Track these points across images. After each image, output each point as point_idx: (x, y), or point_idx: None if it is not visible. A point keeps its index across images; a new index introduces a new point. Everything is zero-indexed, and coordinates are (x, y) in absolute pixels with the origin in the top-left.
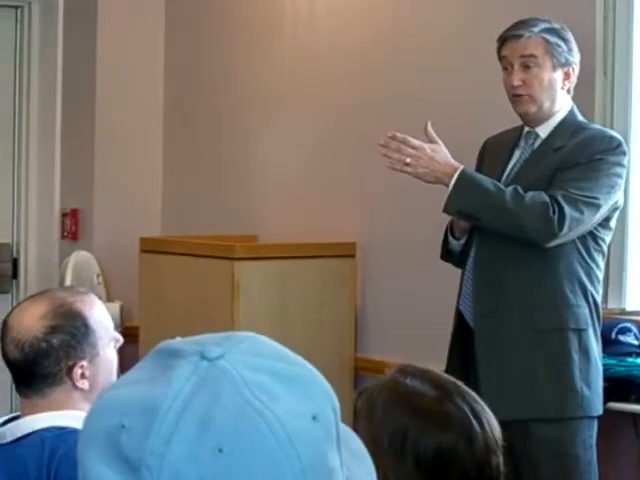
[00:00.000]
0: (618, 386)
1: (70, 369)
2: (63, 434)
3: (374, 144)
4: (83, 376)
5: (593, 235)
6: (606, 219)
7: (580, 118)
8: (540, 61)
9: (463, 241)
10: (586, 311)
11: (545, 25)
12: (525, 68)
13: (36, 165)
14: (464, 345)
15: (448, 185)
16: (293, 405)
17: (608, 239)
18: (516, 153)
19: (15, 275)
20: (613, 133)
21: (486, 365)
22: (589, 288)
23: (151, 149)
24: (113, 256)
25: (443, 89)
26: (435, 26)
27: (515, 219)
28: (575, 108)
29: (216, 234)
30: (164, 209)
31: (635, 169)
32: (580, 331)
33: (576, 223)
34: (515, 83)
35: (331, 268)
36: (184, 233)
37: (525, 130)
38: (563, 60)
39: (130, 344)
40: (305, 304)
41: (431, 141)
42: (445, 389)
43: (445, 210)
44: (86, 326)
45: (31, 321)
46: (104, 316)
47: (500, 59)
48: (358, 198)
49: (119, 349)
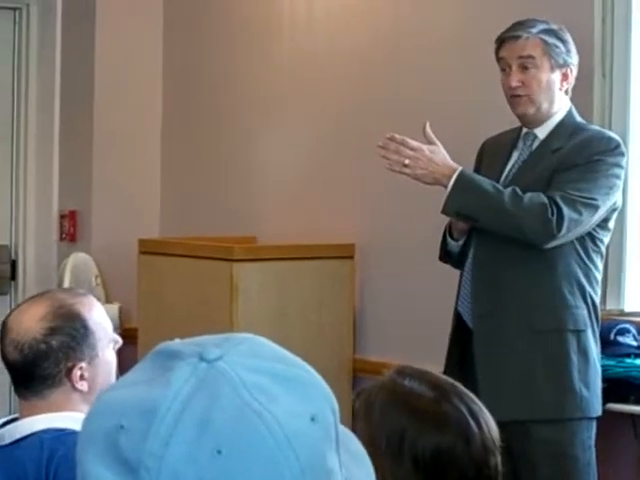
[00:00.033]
0: (617, 387)
1: (69, 371)
2: (62, 436)
3: (373, 145)
4: (82, 378)
5: (592, 236)
6: (604, 220)
7: (578, 119)
8: (538, 62)
9: (462, 242)
10: (585, 312)
11: (543, 26)
12: (523, 69)
13: (34, 167)
14: (463, 346)
15: (446, 186)
16: (292, 406)
17: (607, 240)
18: (514, 154)
19: (13, 277)
20: (611, 134)
21: (485, 366)
22: (588, 289)
23: (149, 150)
24: (111, 258)
25: (443, 89)
26: (435, 26)
27: (514, 220)
28: (573, 109)
29: (215, 235)
30: (163, 210)
31: (633, 170)
32: (579, 332)
33: (575, 224)
34: (513, 84)
35: (330, 269)
36: (183, 234)
37: (523, 131)
38: (561, 61)
39: (129, 346)
40: (304, 305)
41: (430, 142)
42: (443, 390)
43: (444, 211)
44: (85, 328)
45: (30, 322)
46: (103, 318)
47: (498, 60)
48: (357, 199)
49: (118, 351)
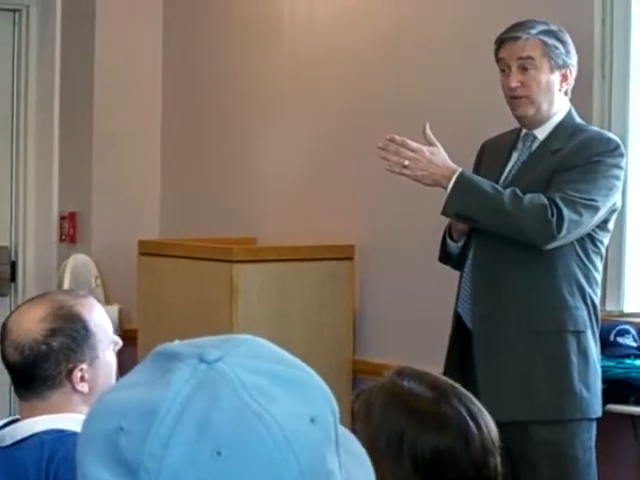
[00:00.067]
0: (617, 388)
1: (70, 372)
2: (62, 437)
3: (373, 145)
4: (83, 379)
5: (591, 237)
6: (604, 221)
7: (578, 120)
8: (538, 63)
9: (461, 243)
10: (584, 313)
11: (543, 27)
12: (523, 70)
13: (34, 168)
14: (462, 347)
15: (446, 188)
16: (291, 407)
17: (606, 241)
18: (514, 155)
19: (13, 278)
20: (611, 135)
21: (484, 367)
22: (587, 290)
23: (149, 151)
24: (111, 259)
25: (443, 89)
26: (435, 26)
27: (513, 221)
28: (573, 110)
29: (215, 236)
30: (162, 211)
31: (633, 171)
32: (579, 333)
33: (574, 225)
34: (513, 85)
35: (329, 270)
36: (183, 235)
37: (523, 132)
38: (561, 62)
39: (128, 347)
40: (304, 307)
41: (430, 144)
42: (442, 391)
43: (443, 213)
44: (86, 329)
45: (31, 324)
46: (104, 319)
47: (498, 61)
48: (357, 200)
49: (117, 352)
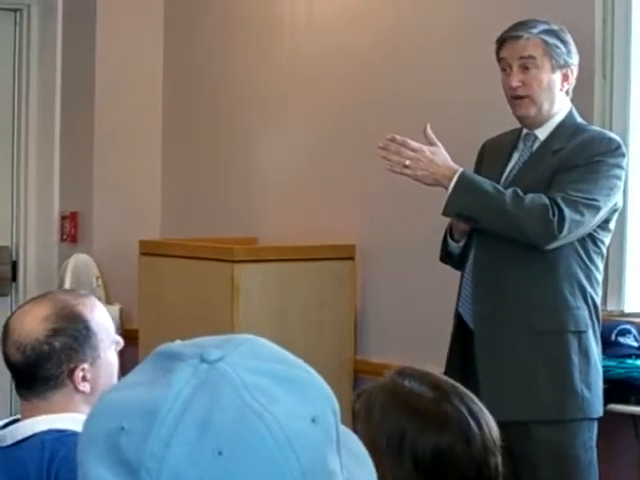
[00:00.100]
0: (618, 388)
1: (71, 372)
2: (63, 437)
3: (373, 145)
4: (84, 379)
5: (592, 237)
6: (605, 221)
7: (579, 120)
8: (539, 62)
9: (462, 243)
10: (586, 313)
11: (544, 26)
12: (524, 69)
13: (35, 167)
14: (464, 347)
15: (447, 188)
16: (292, 407)
17: (607, 241)
18: (515, 155)
19: (14, 278)
20: (612, 135)
21: (486, 367)
22: (588, 290)
23: (150, 151)
24: (112, 259)
25: (443, 89)
26: (435, 26)
27: (515, 221)
28: (574, 110)
29: (216, 236)
30: (163, 211)
31: (634, 171)
32: (580, 333)
33: (576, 225)
34: (514, 84)
35: (331, 270)
36: (184, 235)
37: (524, 132)
38: (562, 62)
39: (130, 347)
40: (305, 306)
41: (430, 143)
42: (443, 390)
43: (444, 213)
44: (88, 329)
45: (33, 324)
46: (105, 319)
47: (499, 61)
48: (358, 200)
49: (119, 352)
